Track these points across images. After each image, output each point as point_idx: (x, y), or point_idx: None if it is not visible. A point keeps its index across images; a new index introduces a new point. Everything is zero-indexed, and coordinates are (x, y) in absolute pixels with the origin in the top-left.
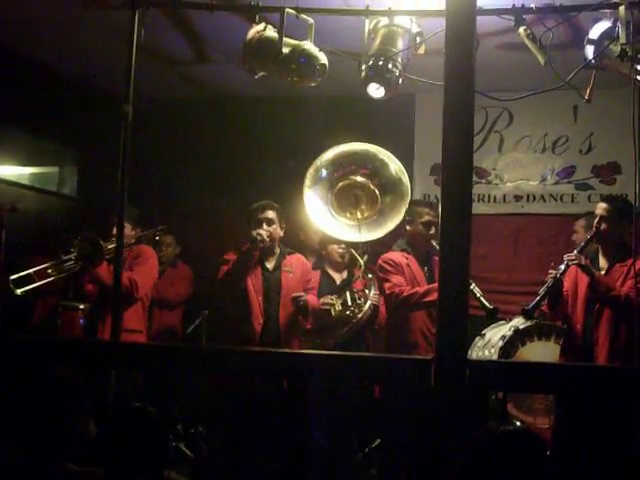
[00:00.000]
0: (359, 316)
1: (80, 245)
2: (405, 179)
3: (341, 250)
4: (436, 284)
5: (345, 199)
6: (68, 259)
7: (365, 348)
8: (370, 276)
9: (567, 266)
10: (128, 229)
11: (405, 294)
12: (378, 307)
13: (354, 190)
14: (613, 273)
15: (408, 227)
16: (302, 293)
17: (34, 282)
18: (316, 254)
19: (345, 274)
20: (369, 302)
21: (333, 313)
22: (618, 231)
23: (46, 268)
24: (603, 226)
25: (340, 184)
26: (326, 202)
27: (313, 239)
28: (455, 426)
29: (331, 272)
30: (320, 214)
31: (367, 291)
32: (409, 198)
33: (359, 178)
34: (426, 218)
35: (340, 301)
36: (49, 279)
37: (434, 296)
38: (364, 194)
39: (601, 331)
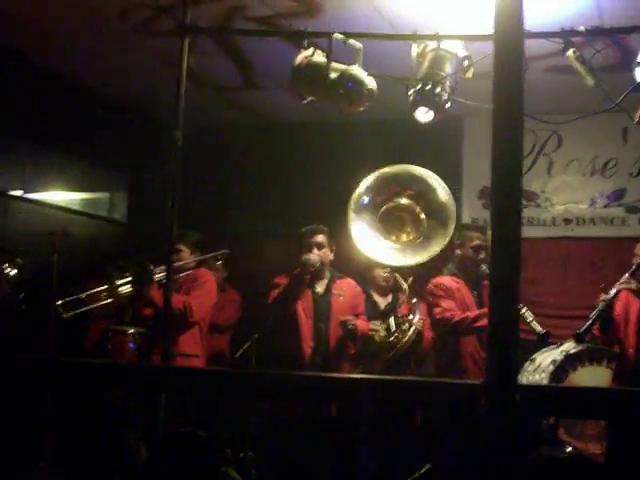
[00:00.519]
0: (403, 341)
1: (131, 269)
2: (451, 201)
3: (386, 274)
4: (487, 309)
5: (390, 222)
6: (121, 284)
7: (409, 373)
8: (414, 300)
9: (618, 290)
10: (187, 253)
11: (456, 319)
12: (422, 332)
13: (399, 213)
14: None
15: (458, 251)
16: (350, 317)
17: (84, 306)
18: (360, 279)
19: (390, 298)
20: (413, 327)
21: (377, 339)
22: None
23: (99, 292)
24: None
25: (384, 207)
26: (371, 226)
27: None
28: (506, 452)
29: (375, 297)
30: (365, 238)
31: (411, 316)
32: (454, 221)
33: (403, 200)
34: (476, 242)
35: (384, 326)
36: (100, 303)
37: (485, 321)
38: (409, 216)
39: None
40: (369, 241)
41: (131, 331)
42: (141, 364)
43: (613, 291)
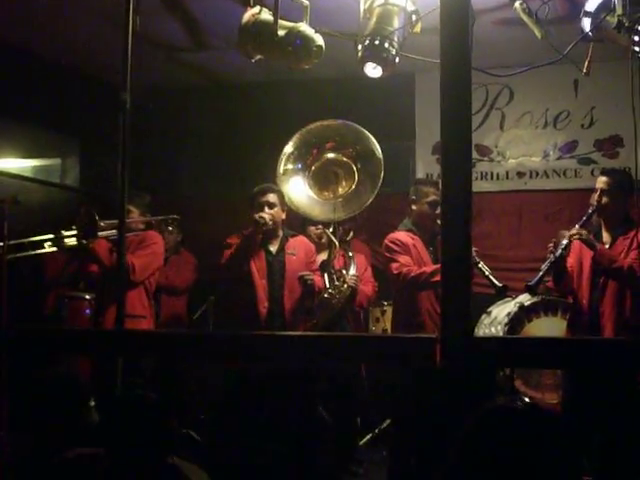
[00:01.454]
0: (337, 297)
1: (78, 219)
2: (372, 141)
3: (318, 231)
4: None
5: (324, 179)
6: (67, 235)
7: (347, 329)
8: (351, 254)
9: (569, 241)
10: (136, 214)
11: (413, 274)
12: (356, 288)
13: (330, 168)
14: (617, 247)
15: (414, 207)
16: (309, 272)
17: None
18: None
19: (325, 255)
20: (346, 285)
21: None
22: (620, 204)
23: (44, 240)
24: (604, 199)
25: (314, 167)
26: (305, 186)
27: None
28: (462, 403)
29: None
30: (302, 198)
31: (344, 271)
32: (381, 159)
33: (329, 155)
34: (432, 197)
35: None
36: (44, 250)
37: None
38: (340, 168)
39: (607, 304)
40: (306, 201)
41: (87, 297)
42: (98, 329)
43: (564, 242)
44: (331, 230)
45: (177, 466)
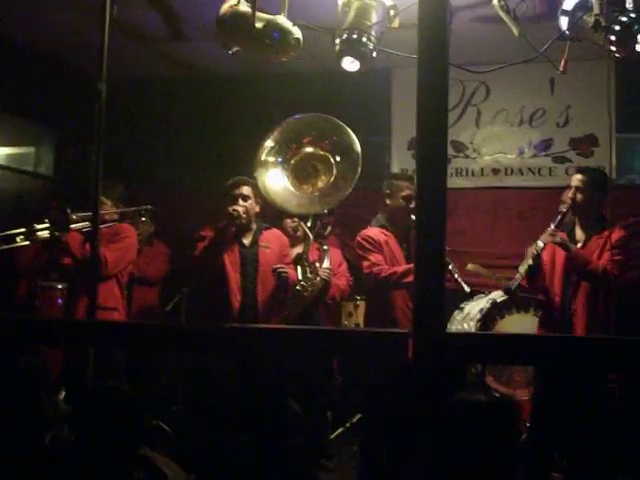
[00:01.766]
0: (309, 290)
1: (49, 213)
2: (351, 134)
3: (294, 224)
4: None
5: (304, 173)
6: (39, 228)
7: (320, 322)
8: (325, 247)
9: (545, 243)
10: (109, 206)
11: (383, 274)
12: (328, 281)
13: (310, 162)
14: (590, 245)
15: (388, 201)
16: (283, 265)
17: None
18: None
19: (301, 248)
20: (318, 277)
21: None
22: (594, 202)
23: (16, 235)
24: (579, 197)
25: (293, 161)
26: (284, 179)
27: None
28: (433, 398)
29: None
30: (280, 191)
31: (318, 264)
32: (359, 153)
33: (308, 149)
34: (406, 192)
35: None
36: (16, 244)
37: (412, 277)
38: (320, 163)
39: (579, 303)
40: (285, 195)
41: (59, 287)
42: (69, 319)
43: (540, 244)
44: (309, 224)
45: (148, 457)
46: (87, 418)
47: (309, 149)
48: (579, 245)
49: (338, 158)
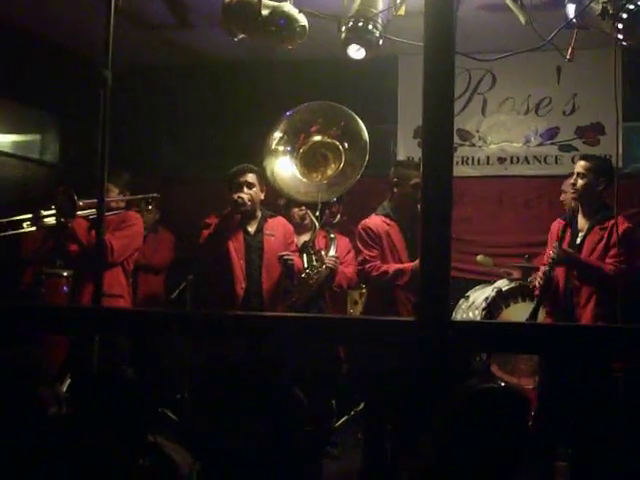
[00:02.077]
0: (315, 278)
1: (56, 199)
2: (356, 120)
3: (302, 212)
4: (408, 265)
5: (313, 161)
6: (46, 214)
7: (324, 310)
8: (332, 236)
9: (552, 266)
10: (115, 193)
11: (374, 273)
12: (335, 269)
13: (319, 151)
14: (592, 235)
15: (395, 189)
16: (290, 253)
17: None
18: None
19: (308, 236)
20: (324, 265)
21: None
22: (595, 189)
23: (22, 221)
24: (580, 183)
25: (301, 150)
26: (293, 167)
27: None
28: (438, 387)
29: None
30: (288, 180)
31: (323, 252)
32: (367, 140)
33: (316, 137)
34: (415, 180)
35: None
36: (23, 230)
37: (405, 278)
38: (329, 151)
39: (582, 295)
40: (294, 183)
41: (65, 274)
42: (76, 306)
43: (546, 268)
44: (317, 212)
45: (158, 444)
46: (90, 404)
47: (317, 137)
48: (581, 235)
49: (346, 145)
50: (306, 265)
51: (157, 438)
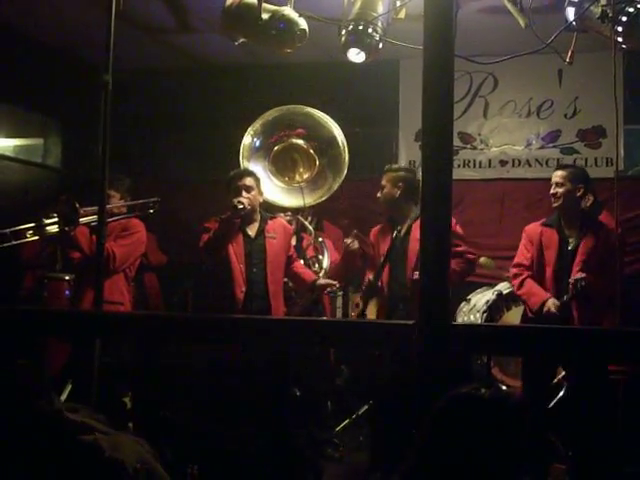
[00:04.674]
0: None
1: (58, 207)
2: (340, 136)
3: (288, 217)
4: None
5: (283, 163)
6: (48, 223)
7: (323, 314)
8: (320, 240)
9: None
10: (117, 199)
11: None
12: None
13: (291, 153)
14: (585, 242)
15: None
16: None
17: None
18: None
19: (294, 241)
20: (324, 270)
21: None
22: (576, 195)
23: (25, 230)
24: (560, 191)
25: (275, 149)
26: (264, 169)
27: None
28: (439, 390)
29: None
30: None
31: (320, 256)
32: (346, 156)
33: (294, 140)
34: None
35: None
36: (26, 239)
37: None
38: (301, 156)
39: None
40: (267, 185)
41: (67, 278)
42: (77, 310)
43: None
44: (307, 217)
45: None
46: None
47: (294, 140)
48: (571, 241)
49: (318, 150)
50: None
51: (97, 435)
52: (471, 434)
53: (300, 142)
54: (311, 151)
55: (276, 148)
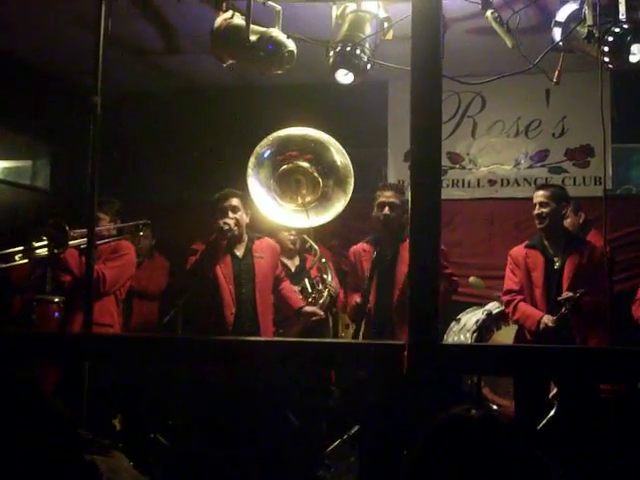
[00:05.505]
0: (320, 302)
1: (47, 230)
2: (347, 161)
3: (292, 237)
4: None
5: (286, 184)
6: (38, 246)
7: (327, 333)
8: (324, 260)
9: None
10: (106, 221)
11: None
12: (337, 292)
13: (296, 175)
14: (571, 260)
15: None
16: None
17: None
18: None
19: (297, 260)
20: (327, 290)
21: None
22: (561, 213)
23: (14, 252)
24: (545, 210)
25: (282, 168)
26: (269, 188)
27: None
28: (428, 410)
29: (284, 260)
30: (265, 201)
31: (325, 276)
32: (352, 180)
33: (301, 162)
34: (380, 200)
35: (299, 288)
36: (15, 263)
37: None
38: (305, 179)
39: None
40: (270, 204)
41: (56, 300)
42: (65, 332)
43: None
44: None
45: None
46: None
47: (302, 163)
48: (556, 260)
49: (326, 178)
50: (310, 290)
51: (96, 458)
52: (461, 456)
53: (306, 164)
54: (314, 173)
55: (282, 168)
